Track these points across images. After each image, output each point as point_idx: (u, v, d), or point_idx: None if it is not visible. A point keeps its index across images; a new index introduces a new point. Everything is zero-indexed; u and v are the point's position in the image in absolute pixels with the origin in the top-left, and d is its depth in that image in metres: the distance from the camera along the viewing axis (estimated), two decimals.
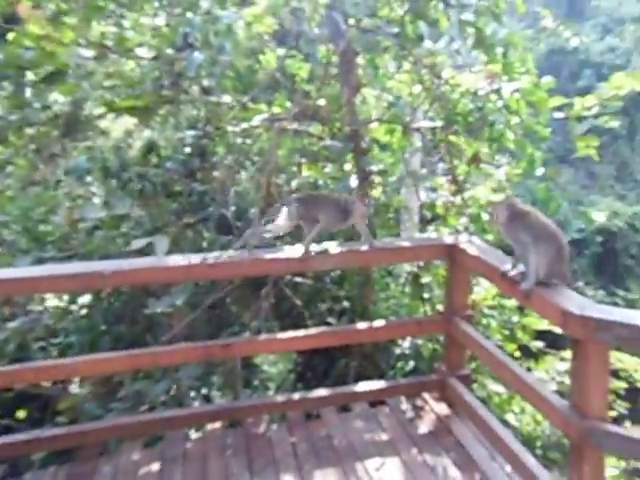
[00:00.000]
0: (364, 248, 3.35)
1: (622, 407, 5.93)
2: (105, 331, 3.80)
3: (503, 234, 2.88)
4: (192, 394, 4.09)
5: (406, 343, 4.42)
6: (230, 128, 3.90)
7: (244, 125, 3.80)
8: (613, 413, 5.51)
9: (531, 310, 4.07)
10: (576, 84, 22.60)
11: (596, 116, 3.46)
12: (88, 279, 2.86)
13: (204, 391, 4.26)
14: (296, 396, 3.56)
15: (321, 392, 3.64)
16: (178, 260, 3.08)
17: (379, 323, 3.62)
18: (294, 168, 4.08)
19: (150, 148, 4.05)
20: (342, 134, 4.17)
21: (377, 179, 4.57)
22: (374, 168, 3.98)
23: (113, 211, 3.56)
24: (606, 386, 2.51)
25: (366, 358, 4.69)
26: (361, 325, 3.59)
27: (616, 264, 20.91)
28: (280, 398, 3.55)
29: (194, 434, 3.50)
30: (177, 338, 3.92)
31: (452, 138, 4.39)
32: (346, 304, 4.64)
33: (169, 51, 3.52)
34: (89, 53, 3.44)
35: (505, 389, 4.36)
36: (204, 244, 3.96)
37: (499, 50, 3.59)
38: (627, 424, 5.78)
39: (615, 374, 5.76)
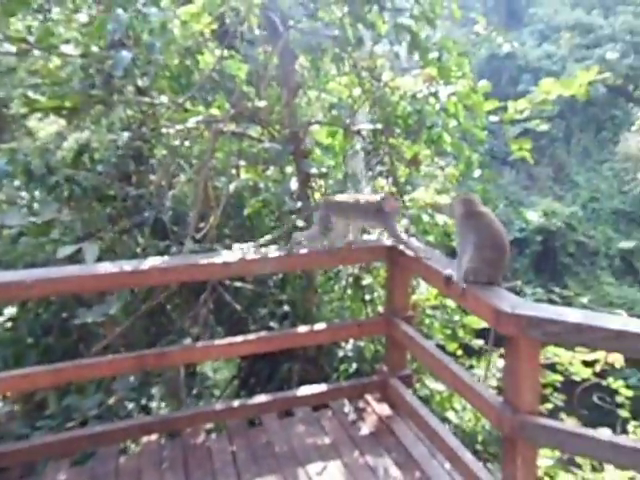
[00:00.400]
0: (302, 251, 3.32)
1: (559, 400, 6.14)
2: (32, 344, 3.61)
3: (456, 228, 2.91)
4: (131, 406, 3.94)
5: (349, 345, 4.42)
6: (165, 130, 3.78)
7: (179, 127, 3.70)
8: (549, 406, 5.69)
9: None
10: (516, 88, 23.33)
11: (526, 119, 3.56)
12: (6, 289, 2.70)
13: (143, 402, 4.12)
14: (236, 403, 3.49)
15: (262, 398, 3.59)
16: (108, 267, 2.95)
17: (320, 326, 3.59)
18: (233, 171, 4.00)
19: (81, 150, 3.88)
20: (282, 136, 4.13)
21: (318, 182, 4.55)
22: (314, 170, 3.95)
23: (40, 217, 3.38)
24: (537, 381, 2.57)
25: (310, 361, 4.67)
26: (302, 329, 3.55)
27: (555, 262, 21.73)
28: (219, 406, 3.47)
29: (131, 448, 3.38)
30: (115, 348, 3.78)
31: (392, 140, 4.42)
32: (288, 308, 4.61)
33: (97, 49, 3.38)
34: (10, 48, 3.26)
35: (446, 387, 4.42)
36: (138, 250, 3.82)
37: (434, 54, 3.63)
38: (563, 416, 5.97)
39: (552, 368, 5.95)
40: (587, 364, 5.83)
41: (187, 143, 4.50)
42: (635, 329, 2.15)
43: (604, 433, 2.41)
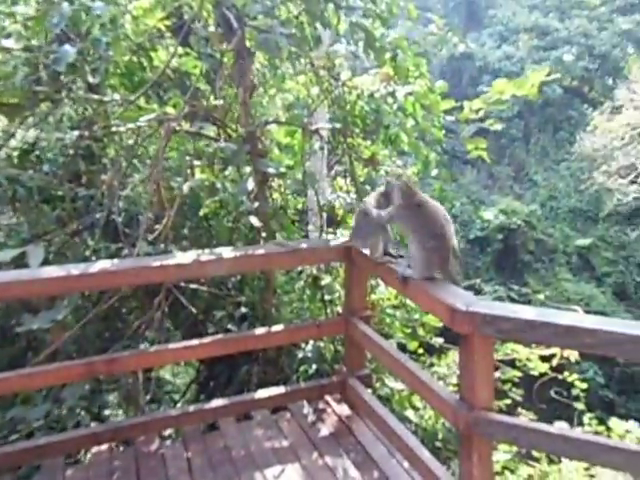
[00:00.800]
0: (259, 252, 3.27)
1: (517, 395, 6.25)
2: None
3: (393, 217, 2.86)
4: (82, 414, 3.80)
5: (309, 346, 4.38)
6: (114, 128, 3.67)
7: (130, 125, 3.59)
8: (508, 401, 5.78)
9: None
10: (476, 89, 23.75)
11: (482, 119, 3.59)
12: None
13: (96, 410, 3.98)
14: (191, 408, 3.41)
15: (219, 402, 3.52)
16: (55, 271, 2.83)
17: (277, 328, 3.54)
18: (189, 171, 3.91)
19: (28, 149, 3.73)
20: (238, 136, 4.06)
21: (277, 181, 4.50)
22: (272, 170, 3.89)
23: None
24: (491, 377, 2.59)
25: (269, 363, 4.61)
26: (259, 331, 3.50)
27: (515, 260, 22.20)
28: (174, 412, 3.38)
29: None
30: (68, 355, 3.65)
31: (350, 140, 4.41)
32: (247, 309, 4.54)
33: (42, 42, 3.24)
34: None
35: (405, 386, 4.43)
36: (88, 253, 3.69)
37: (390, 54, 3.62)
38: (522, 411, 6.07)
39: (511, 364, 6.05)
40: (544, 359, 5.96)
41: (143, 142, 4.39)
42: (584, 325, 2.18)
43: (556, 427, 2.43)
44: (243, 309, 4.60)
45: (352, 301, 3.61)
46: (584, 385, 6.38)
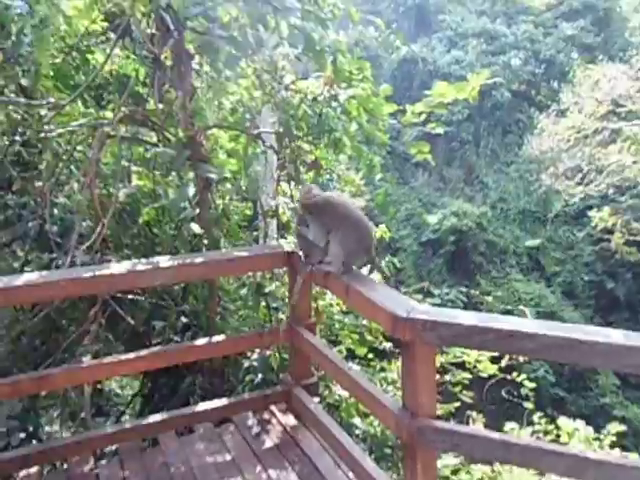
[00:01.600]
0: (198, 260, 3.16)
1: (467, 397, 6.31)
2: None
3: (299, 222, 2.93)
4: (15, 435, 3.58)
5: (255, 355, 4.28)
6: (46, 134, 3.49)
7: (60, 130, 3.41)
8: (457, 404, 5.82)
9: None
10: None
11: (425, 122, 3.59)
12: None
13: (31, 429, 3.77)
14: (127, 425, 3.26)
15: (158, 417, 3.38)
16: None
17: (219, 338, 3.44)
18: (127, 177, 3.76)
19: None
20: (178, 140, 3.93)
21: (223, 187, 4.39)
22: (213, 176, 3.79)
23: None
24: (434, 385, 2.56)
25: (215, 373, 4.49)
26: (200, 342, 3.39)
27: (467, 261, 22.58)
28: (110, 429, 3.23)
29: None
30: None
31: (295, 144, 4.34)
32: (190, 319, 4.41)
33: None
34: None
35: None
36: (17, 264, 3.50)
37: (330, 57, 3.57)
38: (473, 413, 6.13)
39: (461, 366, 6.10)
40: (494, 360, 6.03)
41: (80, 148, 4.21)
42: (525, 329, 2.17)
43: (497, 433, 2.41)
44: (186, 318, 4.47)
45: (296, 309, 3.55)
46: (532, 384, 6.50)
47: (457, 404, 5.85)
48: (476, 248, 22.71)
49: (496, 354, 5.79)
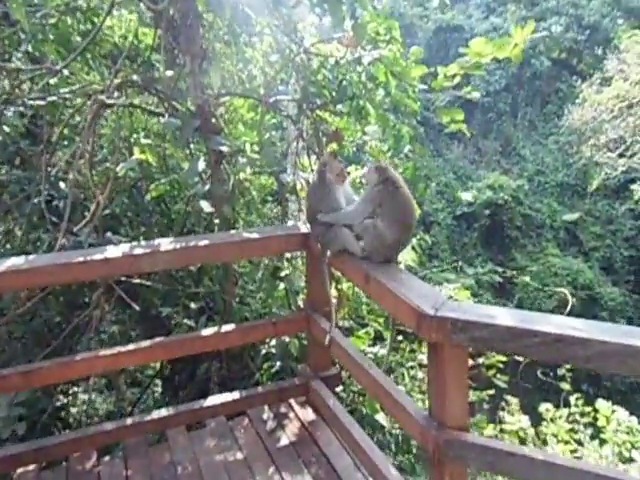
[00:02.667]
0: (203, 243, 2.85)
1: (502, 381, 5.96)
2: None
3: (365, 198, 2.58)
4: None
5: (273, 341, 4.00)
6: (36, 102, 3.19)
7: (52, 98, 3.11)
8: (491, 392, 5.48)
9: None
10: None
11: (457, 86, 3.15)
12: None
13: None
14: (131, 421, 3.01)
15: (164, 412, 3.13)
16: None
17: (228, 328, 3.14)
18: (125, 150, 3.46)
19: None
20: (186, 110, 3.61)
21: (239, 159, 4.05)
22: (225, 149, 3.45)
23: None
24: (466, 392, 2.21)
25: (233, 359, 4.24)
26: (206, 332, 3.09)
27: (502, 235, 21.94)
28: (110, 426, 2.98)
29: None
30: None
31: (318, 113, 3.96)
32: (205, 302, 4.15)
33: None
34: None
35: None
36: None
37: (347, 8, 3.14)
38: (508, 396, 5.79)
39: None
40: None
41: (78, 118, 3.92)
42: (577, 333, 1.80)
43: (540, 452, 2.06)
44: (201, 302, 4.22)
45: (313, 295, 3.23)
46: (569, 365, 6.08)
47: (491, 391, 5.50)
48: (512, 222, 22.03)
49: None
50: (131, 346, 2.85)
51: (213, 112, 3.79)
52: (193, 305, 3.97)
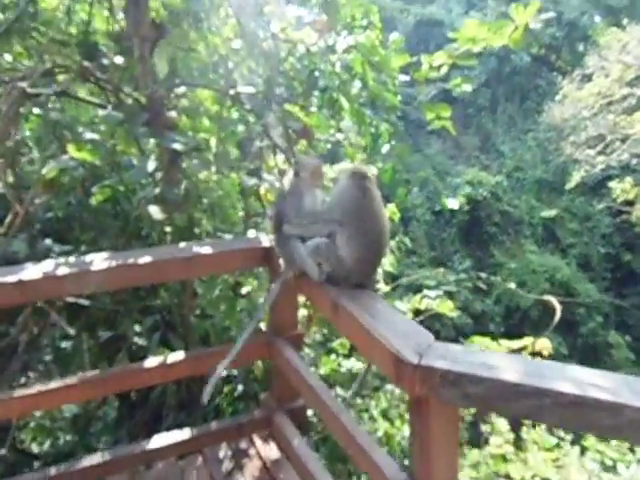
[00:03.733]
0: (144, 260, 2.39)
1: None
2: None
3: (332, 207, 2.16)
4: None
5: None
6: None
7: None
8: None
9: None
10: None
11: (443, 79, 2.73)
12: None
13: None
14: (52, 471, 2.52)
15: (103, 456, 2.66)
16: None
17: (176, 357, 2.69)
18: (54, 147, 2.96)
19: None
20: (135, 101, 3.13)
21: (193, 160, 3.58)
22: (178, 146, 2.99)
23: None
24: (455, 455, 1.81)
25: (193, 380, 3.79)
26: (150, 362, 2.63)
27: (481, 232, 21.78)
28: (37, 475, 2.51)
29: None
30: None
31: (286, 107, 3.51)
32: (160, 317, 3.69)
33: None
34: None
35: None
36: None
37: None
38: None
39: None
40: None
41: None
42: (603, 395, 1.40)
43: None
44: (157, 315, 3.75)
45: (277, 317, 2.80)
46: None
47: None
48: (490, 218, 21.86)
49: (515, 346, 5.08)
50: (54, 384, 2.38)
51: (167, 104, 3.32)
52: (146, 319, 3.50)
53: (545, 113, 21.27)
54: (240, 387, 3.54)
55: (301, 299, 3.11)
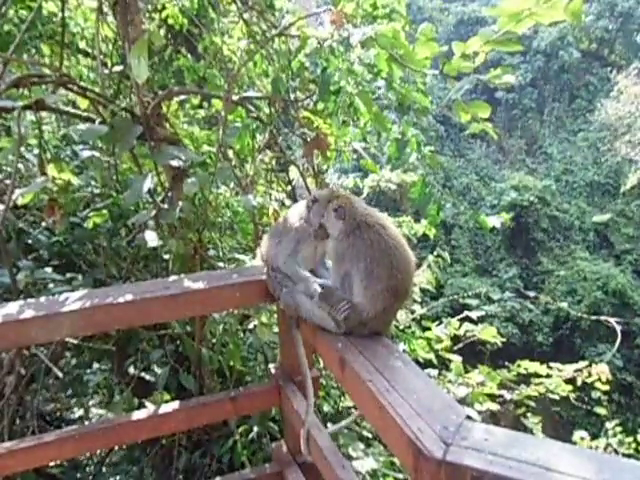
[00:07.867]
0: (125, 299, 2.01)
1: (533, 423, 5.06)
2: None
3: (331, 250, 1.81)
4: None
5: None
6: None
7: None
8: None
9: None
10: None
11: (476, 70, 2.26)
12: None
13: None
14: None
15: None
16: None
17: (170, 407, 2.30)
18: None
19: None
20: (128, 113, 2.79)
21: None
22: (175, 163, 2.62)
23: None
24: None
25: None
26: (138, 415, 2.25)
27: (527, 238, 20.89)
28: None
29: None
30: None
31: (304, 113, 3.10)
32: (175, 346, 3.34)
33: None
34: None
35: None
36: None
37: None
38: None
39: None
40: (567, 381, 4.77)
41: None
42: None
43: None
44: (170, 345, 3.40)
45: (287, 359, 2.38)
46: (606, 387, 5.20)
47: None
48: (538, 224, 20.95)
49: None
50: (30, 440, 2.02)
51: (166, 115, 2.97)
52: (155, 353, 3.14)
53: (597, 111, 20.20)
54: (255, 429, 3.14)
55: None
